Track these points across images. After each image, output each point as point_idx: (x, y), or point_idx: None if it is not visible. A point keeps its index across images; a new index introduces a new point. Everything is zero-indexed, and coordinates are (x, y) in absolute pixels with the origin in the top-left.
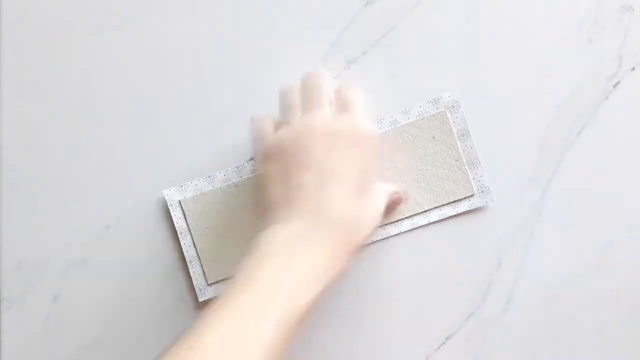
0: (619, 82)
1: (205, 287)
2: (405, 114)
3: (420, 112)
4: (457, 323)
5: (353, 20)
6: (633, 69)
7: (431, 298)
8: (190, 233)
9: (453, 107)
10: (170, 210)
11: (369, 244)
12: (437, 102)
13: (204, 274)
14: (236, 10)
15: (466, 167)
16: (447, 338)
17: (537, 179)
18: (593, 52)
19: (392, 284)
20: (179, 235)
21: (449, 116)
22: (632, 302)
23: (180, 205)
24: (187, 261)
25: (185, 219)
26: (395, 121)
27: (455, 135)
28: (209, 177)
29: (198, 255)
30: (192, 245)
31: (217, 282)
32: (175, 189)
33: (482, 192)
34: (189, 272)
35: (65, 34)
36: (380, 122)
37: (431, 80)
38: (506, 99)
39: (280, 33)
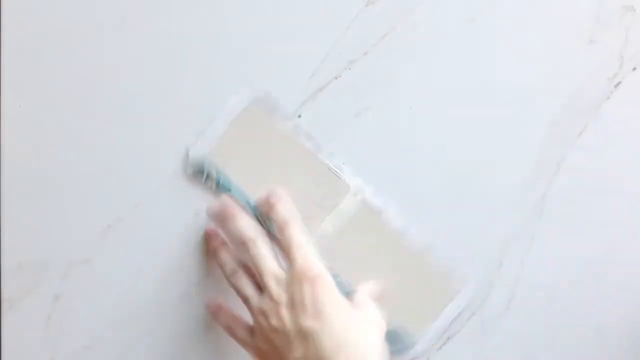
0: (620, 83)
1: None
2: None
3: None
4: (458, 323)
5: (354, 21)
6: (634, 69)
7: None
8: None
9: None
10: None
11: None
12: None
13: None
14: (236, 10)
15: None
16: (448, 338)
17: (537, 179)
18: (594, 52)
19: None
20: None
21: None
22: (631, 302)
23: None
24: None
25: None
26: None
27: None
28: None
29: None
30: None
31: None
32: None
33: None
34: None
35: (66, 33)
36: None
37: (431, 80)
38: (507, 99)
39: (280, 33)
